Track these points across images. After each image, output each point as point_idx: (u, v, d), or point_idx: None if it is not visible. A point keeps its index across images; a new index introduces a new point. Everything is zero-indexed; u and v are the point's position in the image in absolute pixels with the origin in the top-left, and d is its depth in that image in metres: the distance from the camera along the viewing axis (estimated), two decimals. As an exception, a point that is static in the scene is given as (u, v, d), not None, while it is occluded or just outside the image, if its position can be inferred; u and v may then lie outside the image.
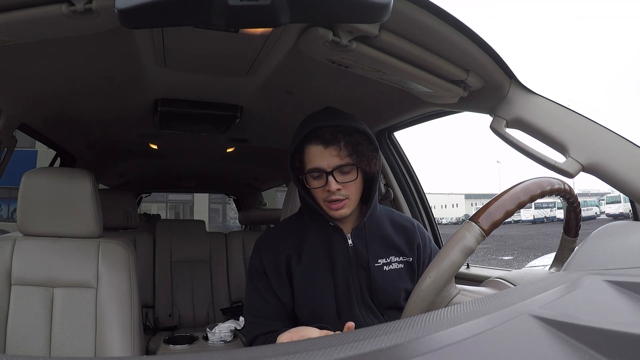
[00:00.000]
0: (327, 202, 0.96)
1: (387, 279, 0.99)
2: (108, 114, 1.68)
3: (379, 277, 0.99)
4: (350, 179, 0.95)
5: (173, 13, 0.49)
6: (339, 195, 0.94)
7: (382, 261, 1.00)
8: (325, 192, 0.95)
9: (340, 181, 0.94)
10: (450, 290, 0.64)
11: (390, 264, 1.01)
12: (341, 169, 0.94)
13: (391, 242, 1.03)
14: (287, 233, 1.04)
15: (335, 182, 0.93)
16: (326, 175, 0.94)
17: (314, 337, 0.37)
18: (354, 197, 0.97)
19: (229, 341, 1.89)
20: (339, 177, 0.94)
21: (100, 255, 1.26)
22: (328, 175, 0.94)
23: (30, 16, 0.72)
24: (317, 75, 1.23)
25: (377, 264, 1.00)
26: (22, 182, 1.23)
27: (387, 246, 1.02)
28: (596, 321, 0.40)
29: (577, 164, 0.89)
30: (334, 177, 0.93)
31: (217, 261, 2.71)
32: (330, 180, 0.93)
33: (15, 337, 1.15)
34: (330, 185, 0.93)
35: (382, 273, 0.99)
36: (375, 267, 0.99)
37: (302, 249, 1.00)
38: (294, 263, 0.99)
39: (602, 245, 0.68)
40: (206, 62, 1.21)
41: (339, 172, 0.94)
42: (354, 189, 0.97)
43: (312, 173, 0.95)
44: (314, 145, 0.95)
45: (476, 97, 1.04)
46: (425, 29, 0.82)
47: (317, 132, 0.95)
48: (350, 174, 0.95)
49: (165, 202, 15.37)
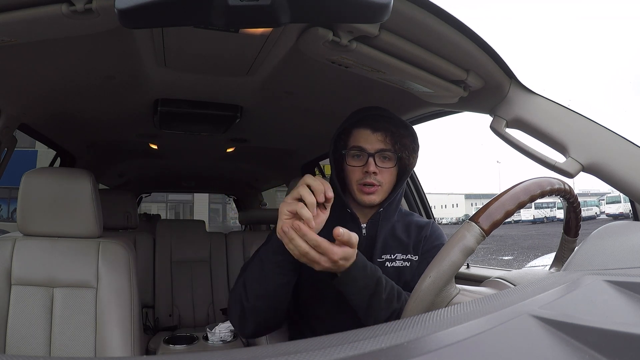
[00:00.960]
0: (360, 184, 1.00)
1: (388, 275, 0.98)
2: (108, 114, 1.68)
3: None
4: (388, 166, 1.00)
5: (173, 13, 0.49)
6: (373, 179, 0.99)
7: (386, 257, 1.01)
8: (361, 174, 1.00)
9: (379, 166, 0.99)
10: (450, 290, 0.64)
11: (394, 261, 1.01)
12: (383, 154, 1.00)
13: (401, 239, 1.04)
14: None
15: (375, 164, 0.98)
16: (367, 156, 0.99)
17: (313, 338, 0.37)
18: (386, 186, 1.01)
19: (229, 341, 1.89)
20: (379, 161, 1.00)
21: (100, 255, 1.26)
22: (369, 156, 0.99)
23: (30, 16, 0.72)
24: (317, 75, 1.23)
25: (381, 259, 1.01)
26: (22, 182, 1.23)
27: (396, 242, 1.03)
28: (596, 321, 0.40)
29: (577, 164, 0.89)
30: (375, 159, 0.99)
31: (217, 261, 2.71)
32: (370, 161, 0.98)
33: (15, 337, 1.15)
34: (369, 166, 0.98)
35: (385, 269, 1.00)
36: (378, 262, 1.00)
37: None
38: None
39: (602, 245, 0.68)
40: (206, 62, 1.21)
41: (380, 157, 1.00)
42: (389, 177, 1.01)
43: (354, 151, 1.01)
44: (362, 129, 1.01)
45: (476, 97, 1.04)
46: (425, 29, 0.82)
47: (367, 119, 1.02)
48: (389, 161, 1.01)
49: (165, 202, 15.39)
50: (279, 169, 2.87)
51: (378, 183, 0.99)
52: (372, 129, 1.00)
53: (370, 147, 0.99)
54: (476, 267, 1.84)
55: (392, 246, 1.03)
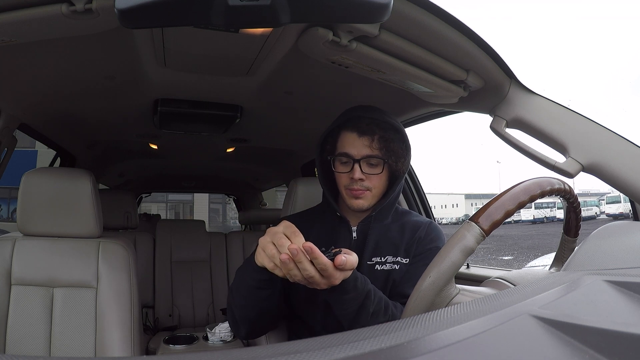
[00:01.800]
0: (348, 189, 0.98)
1: (377, 279, 0.97)
2: (108, 114, 1.68)
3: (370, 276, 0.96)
4: (375, 172, 0.98)
5: (173, 13, 0.49)
6: (360, 185, 0.97)
7: (376, 259, 1.00)
8: (348, 179, 0.98)
9: (366, 172, 0.97)
10: (450, 290, 0.64)
11: (384, 264, 1.00)
12: (369, 160, 0.97)
13: (393, 240, 1.02)
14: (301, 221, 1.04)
15: (360, 171, 0.96)
16: (353, 163, 0.97)
17: (313, 338, 0.37)
18: (376, 191, 0.99)
19: (229, 341, 1.89)
20: (365, 167, 0.97)
21: (100, 255, 1.26)
22: (355, 162, 0.97)
23: (30, 16, 0.72)
24: (317, 75, 1.23)
25: (371, 261, 0.99)
26: (22, 182, 1.23)
27: (387, 244, 1.01)
28: (596, 321, 0.40)
29: (577, 164, 0.89)
30: (360, 166, 0.96)
31: (217, 261, 2.71)
32: (355, 168, 0.96)
33: (15, 337, 1.15)
34: (354, 173, 0.96)
35: (372, 272, 0.98)
36: (367, 265, 0.99)
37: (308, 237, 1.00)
38: None
39: (602, 245, 0.68)
40: (206, 62, 1.21)
41: (366, 163, 0.97)
42: (378, 183, 0.99)
43: (340, 157, 0.99)
44: (349, 132, 0.99)
45: (476, 97, 1.04)
46: (426, 29, 0.82)
47: (354, 121, 0.99)
48: (376, 167, 0.98)
49: (165, 202, 15.38)
50: (279, 169, 2.87)
51: (365, 188, 0.97)
52: (359, 133, 0.97)
53: (356, 152, 0.97)
54: (476, 267, 1.84)
55: (383, 248, 1.01)
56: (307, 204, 1.29)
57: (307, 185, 1.37)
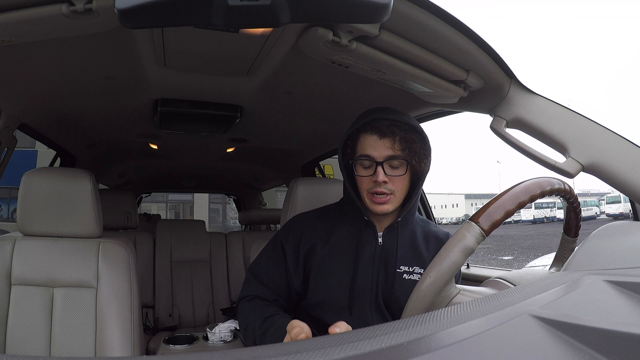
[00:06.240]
0: (370, 193, 0.96)
1: (404, 288, 0.96)
2: (108, 114, 1.68)
3: (397, 284, 0.97)
4: (398, 174, 0.96)
5: (173, 13, 0.49)
6: (384, 188, 0.95)
7: (404, 268, 0.98)
8: (371, 183, 0.96)
9: (389, 174, 0.95)
10: (450, 290, 0.64)
11: (412, 274, 0.98)
12: (391, 162, 0.95)
13: (419, 251, 1.01)
14: (321, 220, 1.04)
15: (384, 173, 0.94)
16: (376, 165, 0.95)
17: (313, 338, 0.37)
18: (399, 194, 0.97)
19: (229, 341, 1.88)
20: (388, 170, 0.95)
21: (100, 255, 1.26)
22: (378, 165, 0.94)
23: (30, 16, 0.72)
24: (317, 75, 1.23)
25: (399, 270, 0.98)
26: (22, 182, 1.23)
27: (414, 255, 1.00)
28: (596, 321, 0.40)
29: (577, 164, 0.89)
30: (383, 168, 0.94)
31: (217, 261, 2.71)
32: (378, 170, 0.94)
33: (15, 337, 1.15)
34: (378, 176, 0.94)
35: (401, 281, 0.97)
36: (397, 272, 0.97)
37: (330, 237, 1.00)
38: (318, 248, 0.99)
39: (602, 245, 0.68)
40: (206, 62, 1.21)
41: (389, 165, 0.95)
42: (401, 185, 0.97)
43: (362, 160, 0.96)
44: (369, 135, 0.96)
45: (476, 97, 1.04)
46: (425, 29, 0.82)
47: (374, 124, 0.96)
48: (399, 168, 0.96)
49: (165, 202, 15.38)
50: (279, 169, 2.87)
51: (389, 192, 0.95)
52: (380, 135, 0.95)
53: (378, 154, 0.94)
54: (476, 267, 1.84)
55: (412, 258, 0.99)
56: (307, 204, 1.29)
57: (307, 185, 1.37)
